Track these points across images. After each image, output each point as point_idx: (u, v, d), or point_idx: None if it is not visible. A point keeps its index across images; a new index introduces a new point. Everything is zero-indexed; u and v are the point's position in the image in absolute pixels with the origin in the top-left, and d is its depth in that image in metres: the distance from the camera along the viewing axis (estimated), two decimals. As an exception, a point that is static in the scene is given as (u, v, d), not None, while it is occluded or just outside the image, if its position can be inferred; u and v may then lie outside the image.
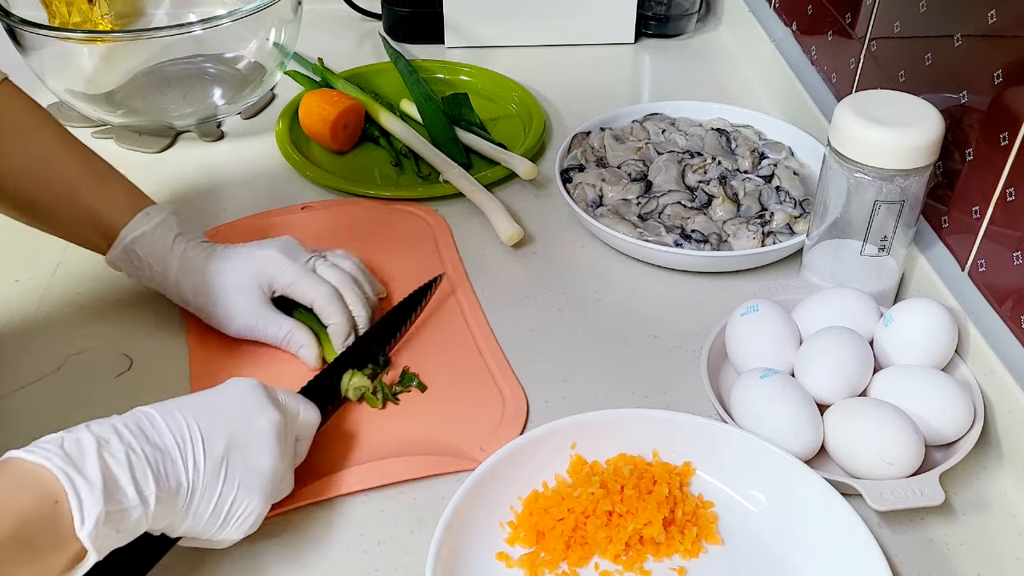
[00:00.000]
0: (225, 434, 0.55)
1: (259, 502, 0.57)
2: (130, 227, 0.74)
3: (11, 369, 0.75)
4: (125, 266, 0.76)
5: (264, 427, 0.57)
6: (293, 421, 0.61)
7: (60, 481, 0.47)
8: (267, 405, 0.59)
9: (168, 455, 0.52)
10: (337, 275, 0.76)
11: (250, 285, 0.74)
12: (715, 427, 0.66)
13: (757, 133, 0.99)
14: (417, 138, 1.00)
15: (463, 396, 0.73)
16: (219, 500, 0.55)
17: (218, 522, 0.55)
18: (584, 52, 1.22)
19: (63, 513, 0.47)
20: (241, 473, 0.55)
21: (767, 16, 1.16)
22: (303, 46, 1.14)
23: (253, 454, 0.56)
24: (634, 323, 0.81)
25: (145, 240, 0.74)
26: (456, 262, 0.86)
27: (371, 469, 0.66)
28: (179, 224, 0.76)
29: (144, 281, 0.77)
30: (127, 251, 0.75)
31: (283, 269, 0.74)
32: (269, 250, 0.75)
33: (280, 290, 0.75)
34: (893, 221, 0.73)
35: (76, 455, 0.49)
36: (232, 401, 0.58)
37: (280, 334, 0.74)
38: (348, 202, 0.94)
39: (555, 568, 0.61)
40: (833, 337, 0.69)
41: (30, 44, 0.96)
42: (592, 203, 0.91)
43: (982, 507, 0.65)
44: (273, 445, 0.57)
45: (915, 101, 0.72)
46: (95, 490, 0.48)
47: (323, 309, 0.74)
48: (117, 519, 0.49)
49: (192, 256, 0.75)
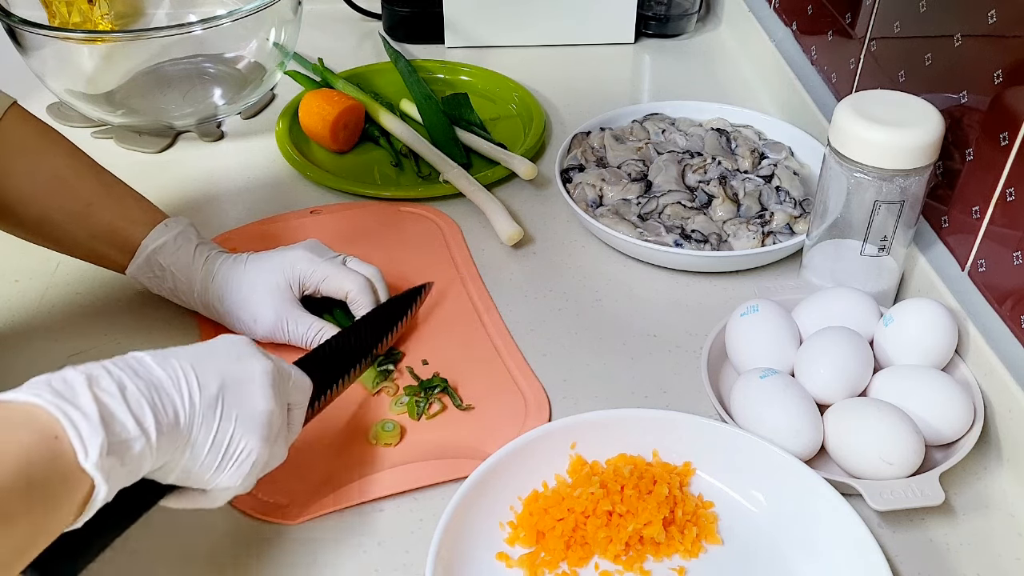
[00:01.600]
0: (218, 375, 0.54)
1: (257, 443, 0.55)
2: (151, 238, 0.75)
3: (11, 369, 0.75)
4: (146, 278, 0.76)
5: (257, 371, 0.56)
6: (286, 379, 0.60)
7: (56, 416, 0.45)
8: (258, 354, 0.57)
9: (162, 388, 0.51)
10: (368, 269, 0.78)
11: (280, 287, 0.75)
12: (715, 427, 0.66)
13: (757, 133, 0.99)
14: (417, 138, 1.00)
15: (485, 398, 0.73)
16: (217, 433, 0.53)
17: (216, 460, 0.53)
18: (584, 52, 1.23)
19: (65, 448, 0.45)
20: (237, 411, 0.54)
21: (767, 16, 1.16)
22: (303, 46, 1.14)
23: (248, 394, 0.55)
24: (634, 323, 0.81)
25: (167, 250, 0.75)
26: (469, 263, 0.87)
27: (401, 473, 0.66)
28: (198, 235, 0.77)
29: (164, 292, 0.77)
30: (149, 262, 0.75)
31: (314, 266, 0.75)
32: (297, 251, 0.76)
33: (313, 286, 0.76)
34: (893, 221, 0.73)
35: (67, 391, 0.47)
36: (224, 349, 0.57)
37: (311, 333, 0.75)
38: (356, 205, 0.94)
39: (555, 568, 0.61)
40: (833, 337, 0.69)
41: (30, 44, 0.96)
42: (592, 203, 0.91)
43: (982, 507, 0.65)
44: (267, 389, 0.56)
45: (915, 101, 0.72)
46: (92, 421, 0.46)
47: (357, 299, 0.75)
48: (120, 451, 0.47)
49: (218, 264, 0.76)
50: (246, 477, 0.55)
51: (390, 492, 0.65)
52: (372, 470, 0.67)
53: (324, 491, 0.65)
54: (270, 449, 0.56)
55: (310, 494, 0.65)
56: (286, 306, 0.75)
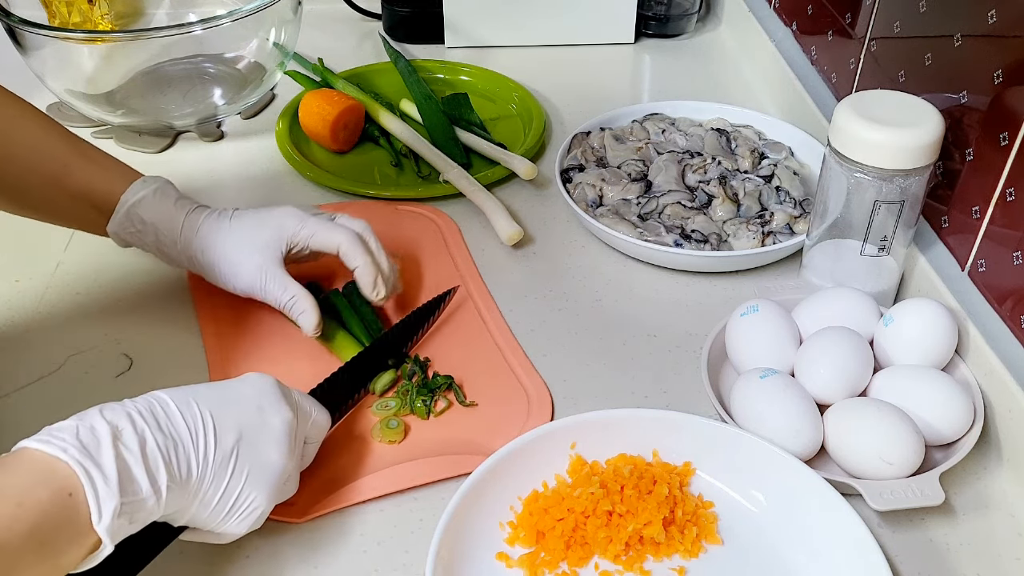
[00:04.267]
0: (236, 427, 0.56)
1: (264, 498, 0.57)
2: (130, 192, 0.75)
3: (11, 369, 0.75)
4: (128, 233, 0.76)
5: (276, 425, 0.58)
6: (304, 422, 0.62)
7: (77, 474, 0.47)
8: (281, 403, 0.59)
9: (180, 443, 0.52)
10: (357, 224, 0.77)
11: (266, 243, 0.74)
12: (715, 427, 0.66)
13: (757, 133, 0.99)
14: (417, 138, 1.00)
15: (488, 395, 0.73)
16: (226, 490, 0.55)
17: (223, 513, 0.55)
18: (584, 52, 1.22)
19: (79, 506, 0.47)
20: (249, 467, 0.56)
21: (767, 16, 1.16)
22: (303, 46, 1.14)
23: (263, 450, 0.57)
24: (634, 323, 0.81)
25: (146, 204, 0.75)
26: (468, 262, 0.87)
27: (406, 469, 0.66)
28: (176, 191, 0.77)
29: (147, 248, 0.77)
30: (129, 216, 0.75)
31: (303, 223, 0.75)
32: (284, 208, 0.76)
33: (302, 242, 0.75)
34: (893, 221, 0.73)
35: (92, 446, 0.49)
36: (246, 396, 0.58)
37: (284, 297, 0.74)
38: (355, 205, 0.94)
39: (555, 568, 0.61)
40: (833, 337, 0.69)
41: (30, 44, 0.96)
42: (592, 203, 0.91)
43: (982, 507, 0.65)
44: (283, 443, 0.58)
45: (915, 101, 0.72)
46: (111, 483, 0.48)
47: (348, 252, 0.75)
48: (131, 510, 0.49)
49: (203, 217, 0.75)
50: (252, 526, 0.57)
51: (395, 489, 0.65)
52: (376, 467, 0.67)
53: (330, 489, 0.65)
54: (278, 497, 0.59)
55: (316, 492, 0.65)
56: (268, 263, 0.74)
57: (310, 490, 0.65)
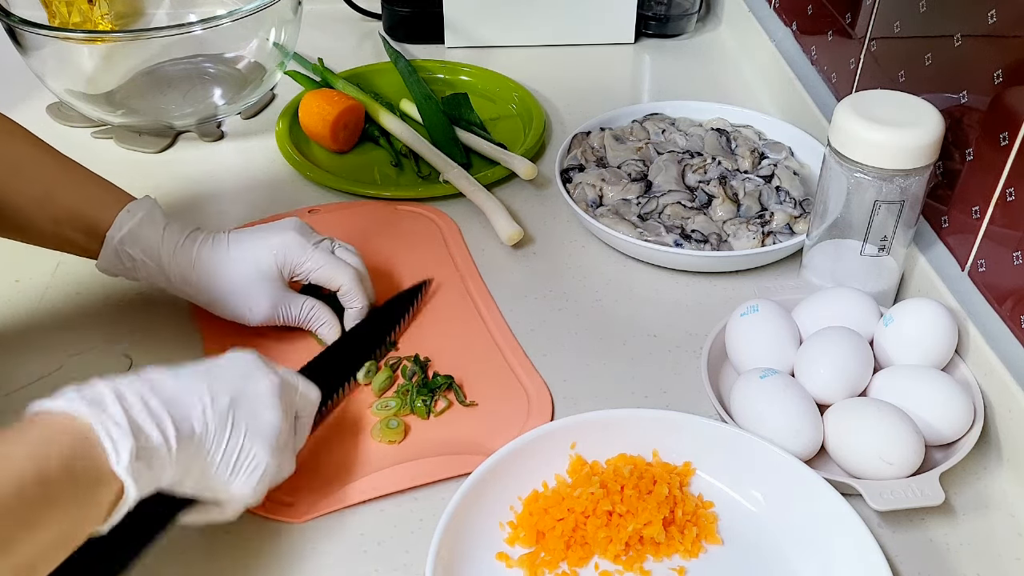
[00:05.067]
0: (228, 389, 0.57)
1: (265, 453, 0.57)
2: (115, 227, 0.73)
3: (11, 369, 0.75)
4: (119, 269, 0.74)
5: (264, 388, 0.59)
6: (292, 392, 0.62)
7: (91, 423, 0.49)
8: (265, 369, 0.60)
9: (179, 403, 0.54)
10: (355, 260, 0.78)
11: (272, 273, 0.74)
12: (715, 427, 0.66)
13: (757, 133, 0.99)
14: (417, 138, 1.00)
15: (488, 395, 0.73)
16: (228, 445, 0.56)
17: (229, 468, 0.56)
18: (584, 52, 1.23)
19: (98, 452, 0.48)
20: (247, 423, 0.57)
21: (767, 16, 1.16)
22: (303, 46, 1.14)
23: (257, 411, 0.58)
24: (634, 323, 0.81)
25: (131, 237, 0.73)
26: (468, 262, 0.87)
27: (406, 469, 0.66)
28: (164, 216, 0.74)
29: (143, 280, 0.76)
30: (118, 253, 0.73)
31: (308, 255, 0.75)
32: (286, 234, 0.75)
33: (303, 275, 0.75)
34: (893, 221, 0.73)
35: (97, 401, 0.50)
36: (231, 367, 0.59)
37: (303, 314, 0.75)
38: (355, 205, 0.94)
39: (555, 568, 0.61)
40: (833, 337, 0.69)
41: (30, 44, 0.96)
42: (592, 203, 0.91)
43: (982, 507, 0.65)
44: (275, 404, 0.59)
45: (915, 101, 0.72)
46: (123, 428, 0.49)
47: (349, 292, 0.76)
48: (147, 456, 0.50)
49: (197, 246, 0.74)
50: (256, 485, 0.58)
51: (395, 489, 0.65)
52: (377, 467, 0.67)
53: (330, 489, 0.65)
54: (278, 459, 0.59)
55: (316, 492, 0.65)
56: (280, 292, 0.75)
57: (310, 490, 0.65)
